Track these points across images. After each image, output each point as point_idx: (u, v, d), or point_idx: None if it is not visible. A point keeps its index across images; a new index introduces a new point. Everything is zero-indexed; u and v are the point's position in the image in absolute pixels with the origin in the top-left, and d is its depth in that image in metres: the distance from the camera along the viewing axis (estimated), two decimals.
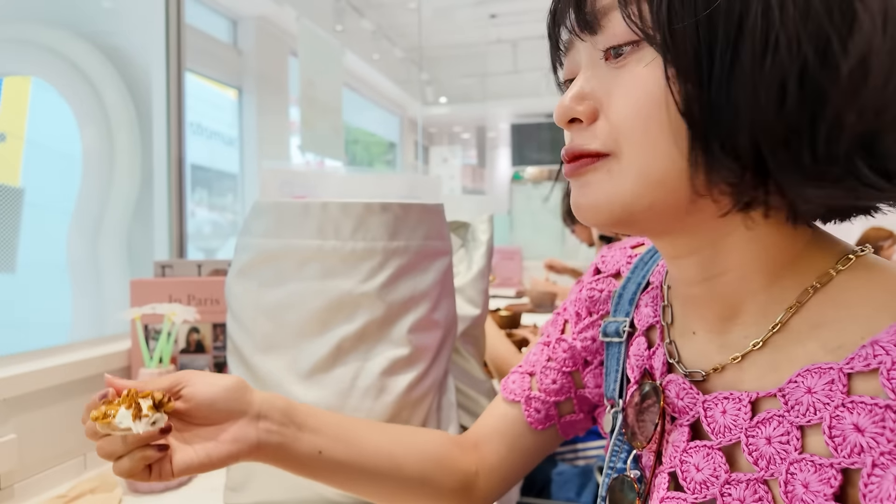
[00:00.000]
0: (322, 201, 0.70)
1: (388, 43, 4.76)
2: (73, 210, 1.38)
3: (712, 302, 0.42)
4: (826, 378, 0.35)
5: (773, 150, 0.34)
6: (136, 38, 1.43)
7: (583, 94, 0.39)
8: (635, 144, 0.37)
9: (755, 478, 0.37)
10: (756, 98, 0.33)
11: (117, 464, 0.44)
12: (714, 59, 0.34)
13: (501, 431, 0.59)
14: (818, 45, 0.33)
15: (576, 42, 0.41)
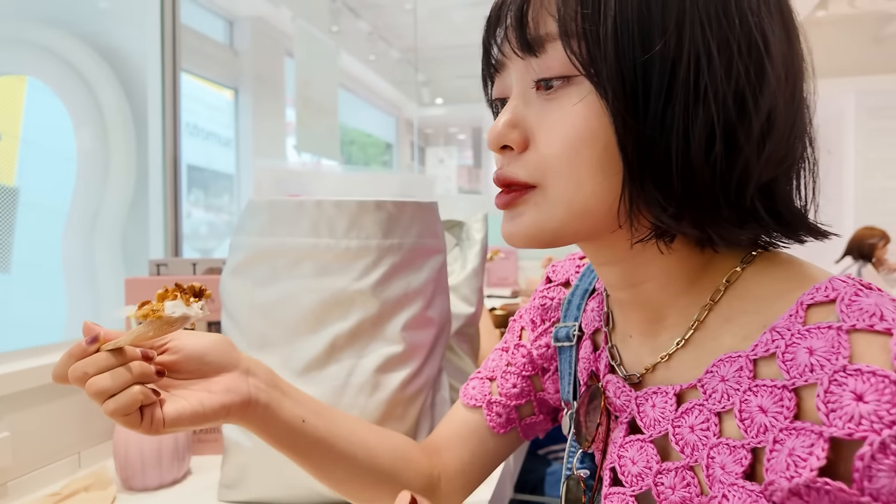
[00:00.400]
0: (316, 199, 0.70)
1: (384, 44, 4.76)
2: (68, 209, 1.38)
3: (640, 307, 0.45)
4: (736, 366, 0.38)
5: (699, 193, 0.37)
6: (132, 39, 1.43)
7: (515, 121, 0.41)
8: (562, 179, 0.39)
9: (682, 465, 0.40)
10: (688, 144, 0.36)
11: (110, 402, 0.41)
12: (650, 101, 0.36)
13: (463, 436, 0.59)
14: (736, 99, 0.36)
15: (509, 63, 0.42)
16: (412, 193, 0.76)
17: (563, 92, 0.39)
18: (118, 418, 0.42)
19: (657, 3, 0.36)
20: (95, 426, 0.90)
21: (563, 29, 0.38)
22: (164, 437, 0.79)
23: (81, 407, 0.88)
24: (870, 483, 0.30)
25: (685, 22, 0.36)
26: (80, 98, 1.41)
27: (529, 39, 0.39)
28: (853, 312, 0.34)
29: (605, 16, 0.36)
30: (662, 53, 0.36)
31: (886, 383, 0.31)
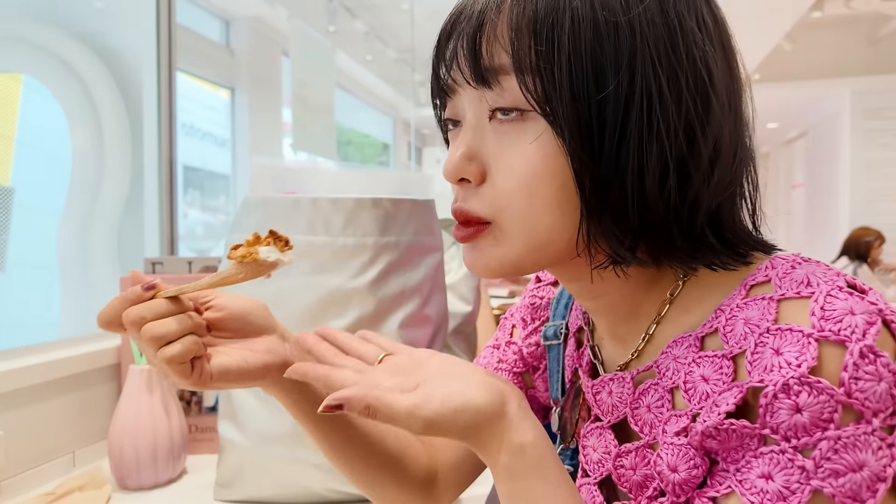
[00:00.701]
0: (312, 196, 0.70)
1: (381, 44, 4.76)
2: (63, 208, 1.37)
3: (606, 314, 0.46)
4: (685, 344, 0.41)
5: (654, 226, 0.38)
6: (128, 38, 1.42)
7: (471, 153, 0.41)
8: (519, 215, 0.39)
9: (642, 444, 0.42)
10: (643, 179, 0.37)
11: (168, 348, 0.42)
12: (604, 139, 0.37)
13: None
14: (686, 132, 0.38)
15: (460, 89, 0.42)
16: (409, 191, 0.76)
17: (519, 126, 0.39)
18: (174, 366, 0.42)
19: (609, 41, 0.37)
20: (90, 425, 0.90)
21: (517, 65, 0.38)
22: (159, 436, 0.78)
23: (76, 406, 0.88)
24: (771, 418, 0.33)
25: (637, 59, 0.37)
26: (76, 97, 1.41)
27: (483, 71, 0.39)
28: (784, 283, 0.37)
29: (560, 53, 0.37)
30: (616, 91, 0.37)
31: (800, 336, 0.34)
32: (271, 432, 0.69)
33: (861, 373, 0.32)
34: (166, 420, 0.80)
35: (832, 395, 0.32)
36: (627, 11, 0.37)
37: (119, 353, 0.94)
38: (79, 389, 0.88)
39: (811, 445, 0.32)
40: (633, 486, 0.43)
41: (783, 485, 0.33)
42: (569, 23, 0.37)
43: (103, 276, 1.33)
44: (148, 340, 0.42)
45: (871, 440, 0.32)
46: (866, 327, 0.33)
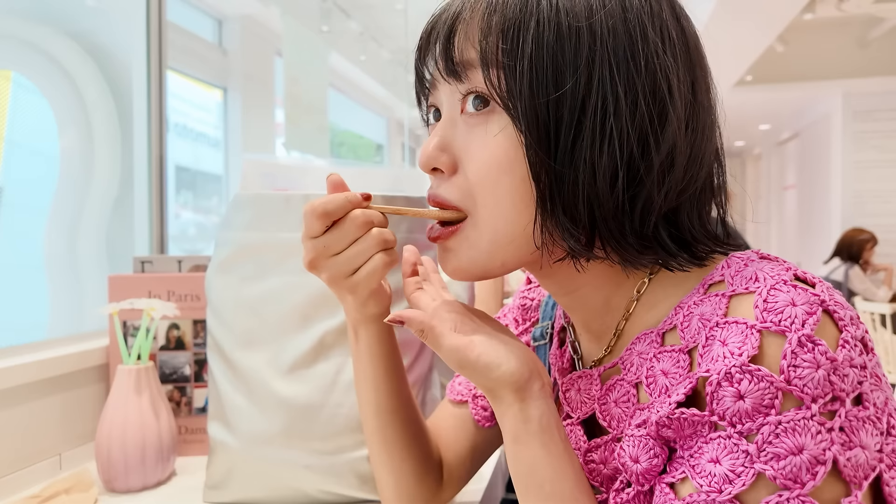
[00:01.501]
0: (304, 193, 0.69)
1: (375, 44, 4.75)
2: (51, 206, 1.35)
3: (580, 309, 0.49)
4: (648, 340, 0.43)
5: (604, 220, 0.41)
6: (120, 36, 1.41)
7: (444, 144, 0.44)
8: (487, 205, 0.42)
9: (609, 438, 0.45)
10: (594, 177, 0.40)
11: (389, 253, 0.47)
12: (560, 136, 0.40)
13: (450, 428, 0.61)
14: (640, 138, 0.40)
15: (438, 84, 0.45)
16: (402, 188, 0.75)
17: (485, 118, 0.42)
18: (384, 271, 0.47)
19: (570, 43, 0.39)
20: (77, 426, 0.88)
21: (483, 60, 0.41)
22: (148, 437, 0.77)
23: (63, 407, 0.86)
24: (717, 406, 0.35)
25: (595, 63, 0.39)
26: (65, 95, 1.39)
27: (454, 65, 0.42)
28: (736, 280, 0.39)
29: (523, 52, 0.39)
30: (573, 92, 0.39)
31: (743, 328, 0.36)
32: (262, 433, 0.68)
33: (799, 360, 0.34)
34: (155, 421, 0.78)
35: (772, 382, 0.34)
36: (590, 17, 0.40)
37: (107, 353, 0.93)
38: (66, 390, 0.87)
39: (754, 430, 0.34)
40: (603, 480, 0.45)
41: (729, 468, 0.34)
42: (534, 25, 0.40)
43: (91, 276, 1.31)
44: (380, 242, 0.46)
45: (810, 425, 0.33)
46: (805, 317, 0.35)
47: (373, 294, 0.49)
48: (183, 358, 0.91)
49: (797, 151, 7.40)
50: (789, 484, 0.33)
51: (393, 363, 0.55)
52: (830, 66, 5.57)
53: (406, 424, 0.56)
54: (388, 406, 0.55)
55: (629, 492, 0.41)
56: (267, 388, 0.68)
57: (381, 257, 0.46)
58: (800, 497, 0.33)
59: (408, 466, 0.56)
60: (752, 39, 4.28)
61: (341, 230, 0.45)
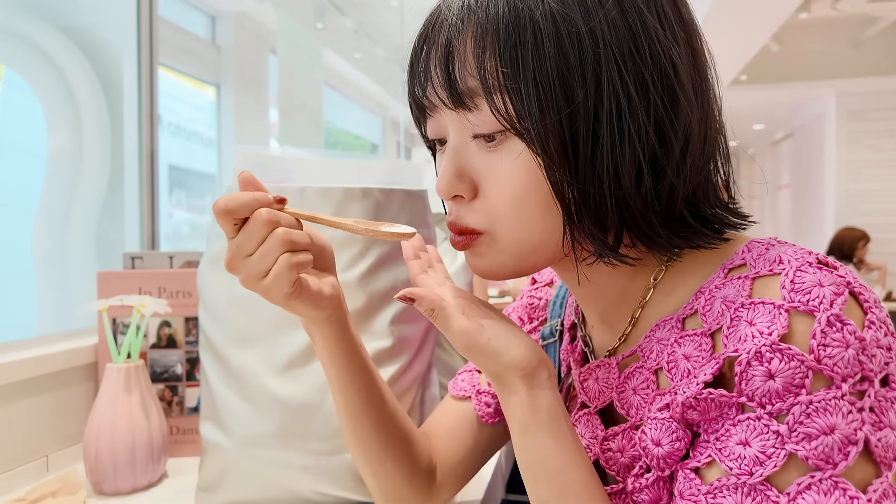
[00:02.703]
0: (299, 186, 0.67)
1: (370, 42, 4.72)
2: (39, 203, 1.33)
3: (596, 299, 0.48)
4: (668, 326, 0.43)
5: (633, 219, 0.40)
6: (111, 32, 1.39)
7: (460, 172, 0.43)
8: (512, 225, 0.42)
9: (628, 426, 0.44)
10: (619, 181, 0.39)
11: (298, 255, 0.44)
12: (578, 148, 0.39)
13: (453, 426, 0.61)
14: (657, 129, 0.39)
15: (441, 110, 0.43)
16: (400, 181, 0.73)
17: (503, 145, 0.41)
18: (293, 273, 0.44)
19: (574, 52, 0.37)
20: (65, 427, 0.86)
21: (485, 87, 0.39)
22: (138, 438, 0.75)
23: (50, 406, 0.84)
24: (746, 386, 0.35)
25: (602, 66, 0.38)
26: (55, 91, 1.36)
27: (460, 96, 0.41)
28: (758, 263, 0.39)
29: (524, 72, 0.38)
30: (584, 101, 0.38)
31: (771, 308, 0.36)
32: (255, 434, 0.66)
33: (829, 340, 0.34)
34: (145, 421, 0.76)
35: (802, 362, 0.34)
36: (589, 20, 0.38)
37: (96, 351, 0.90)
38: (53, 389, 0.84)
39: (785, 411, 0.34)
40: (620, 469, 0.44)
41: (759, 450, 0.34)
42: (531, 40, 0.38)
43: (80, 273, 1.29)
44: (283, 242, 0.43)
45: (841, 404, 0.33)
46: (833, 297, 0.35)
47: (302, 296, 0.46)
48: (174, 356, 0.89)
49: (791, 151, 7.43)
50: (821, 464, 0.33)
51: (356, 364, 0.52)
52: (825, 66, 5.59)
53: (381, 425, 0.54)
54: (359, 408, 0.53)
55: (648, 477, 0.41)
56: (261, 387, 0.66)
57: (285, 259, 0.43)
58: (833, 478, 0.32)
59: (390, 467, 0.55)
60: (747, 39, 4.29)
61: (247, 230, 0.43)
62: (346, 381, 0.52)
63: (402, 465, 0.55)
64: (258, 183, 0.46)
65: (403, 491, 0.56)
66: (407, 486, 0.56)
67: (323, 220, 0.46)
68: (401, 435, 0.56)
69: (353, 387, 0.53)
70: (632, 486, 0.42)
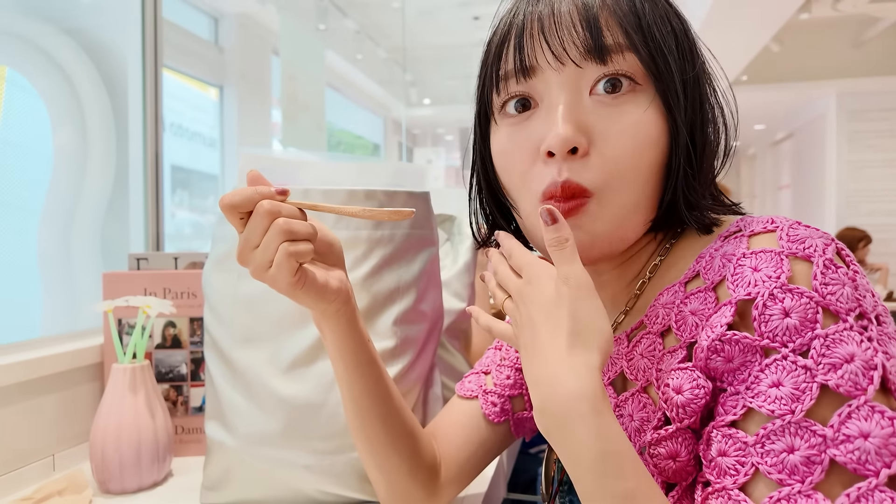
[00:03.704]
0: (303, 188, 0.67)
1: (372, 43, 4.73)
2: (44, 204, 1.34)
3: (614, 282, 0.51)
4: (671, 292, 0.45)
5: (705, 182, 0.47)
6: (116, 34, 1.39)
7: (580, 125, 0.43)
8: (624, 183, 0.44)
9: (637, 389, 0.46)
10: (704, 136, 0.46)
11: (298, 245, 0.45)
12: (688, 107, 0.45)
13: (459, 424, 0.61)
14: (714, 106, 0.48)
15: (550, 69, 0.45)
16: (403, 183, 0.74)
17: (629, 98, 0.44)
18: (291, 262, 0.45)
19: (686, 34, 0.46)
20: (71, 427, 0.87)
21: (634, 44, 0.43)
22: (143, 438, 0.76)
23: (56, 406, 0.85)
24: (765, 326, 0.37)
25: (695, 47, 0.47)
26: (60, 92, 1.37)
27: (603, 46, 0.43)
28: (752, 224, 0.43)
29: (665, 38, 0.44)
30: (696, 71, 0.45)
31: (773, 255, 0.39)
32: (260, 433, 0.67)
33: (828, 279, 0.37)
34: (151, 421, 0.77)
35: (811, 298, 0.37)
36: (681, 20, 0.47)
37: (102, 351, 0.91)
38: (59, 389, 0.85)
39: (806, 346, 0.36)
40: (631, 433, 0.45)
41: (793, 387, 0.36)
42: (663, 18, 0.45)
43: (86, 274, 1.29)
44: (282, 232, 0.44)
45: (852, 335, 0.36)
46: (825, 246, 0.39)
47: (307, 287, 0.47)
48: (179, 356, 0.90)
49: (792, 151, 7.42)
50: (852, 391, 0.35)
51: (363, 359, 0.53)
52: (825, 66, 5.59)
53: (387, 420, 0.55)
54: (366, 402, 0.54)
55: (668, 428, 0.42)
56: (266, 386, 0.67)
57: (284, 248, 0.44)
58: (867, 403, 0.34)
59: (395, 463, 0.56)
60: (748, 39, 4.29)
61: (252, 222, 0.45)
62: (355, 376, 0.53)
63: (407, 460, 0.56)
64: (264, 179, 0.47)
65: (408, 487, 0.56)
66: (412, 482, 0.56)
67: (324, 208, 0.47)
68: (406, 431, 0.56)
69: (361, 381, 0.53)
70: (650, 438, 0.43)
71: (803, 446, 0.35)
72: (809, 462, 0.34)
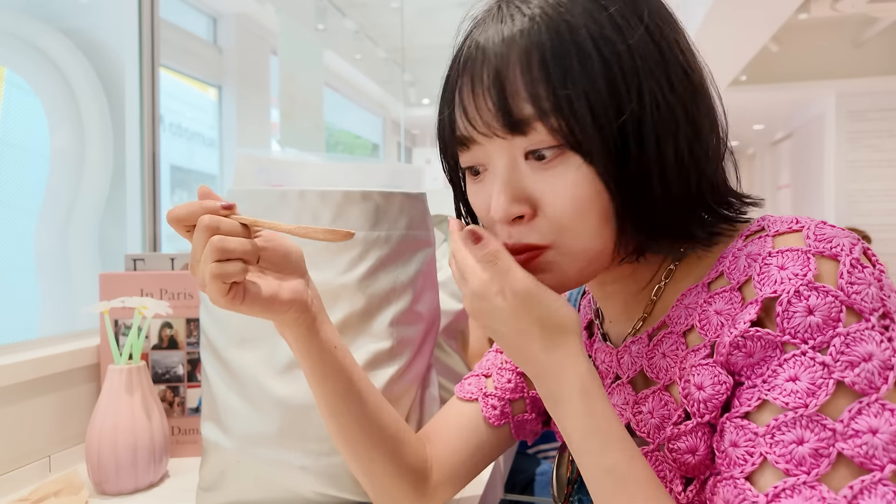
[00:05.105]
0: (300, 189, 0.67)
1: (371, 43, 4.73)
2: (41, 204, 1.33)
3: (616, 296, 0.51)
4: (694, 293, 0.45)
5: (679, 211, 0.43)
6: (112, 33, 1.39)
7: (517, 194, 0.44)
8: (576, 235, 0.43)
9: (659, 387, 0.46)
10: (665, 176, 0.42)
11: (224, 265, 0.45)
12: (629, 155, 0.41)
13: (457, 427, 0.61)
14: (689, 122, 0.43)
15: (484, 139, 0.44)
16: (400, 184, 0.74)
17: (560, 161, 0.43)
18: (217, 282, 0.45)
19: (617, 68, 0.41)
20: (67, 427, 0.87)
21: (540, 112, 0.41)
22: (139, 439, 0.75)
23: (53, 407, 0.84)
24: (788, 323, 0.38)
25: (640, 77, 0.41)
26: (57, 92, 1.37)
27: (516, 123, 0.42)
28: (776, 224, 0.43)
29: (577, 93, 0.40)
30: (631, 111, 0.41)
31: (799, 254, 0.39)
32: (256, 434, 0.67)
33: (854, 278, 0.38)
34: (147, 422, 0.77)
35: (836, 297, 0.37)
36: (624, 38, 0.41)
37: (98, 352, 0.91)
38: (56, 390, 0.85)
39: (826, 344, 0.37)
40: (650, 430, 0.46)
41: (809, 382, 0.36)
42: (577, 62, 0.40)
43: (83, 274, 1.29)
44: (213, 251, 0.44)
45: (873, 334, 0.36)
46: (851, 245, 0.39)
47: (247, 301, 0.47)
48: (176, 357, 0.90)
49: (791, 151, 7.42)
50: (866, 389, 0.36)
51: (329, 365, 0.53)
52: (824, 66, 5.59)
53: (363, 423, 0.55)
54: (338, 406, 0.54)
55: (688, 424, 0.43)
56: (262, 387, 0.67)
57: (210, 269, 0.44)
58: (878, 401, 0.35)
59: (377, 465, 0.56)
60: (747, 39, 4.29)
61: (194, 237, 0.46)
62: (322, 380, 0.54)
63: (390, 464, 0.56)
64: (213, 194, 0.48)
65: (393, 489, 0.56)
66: (397, 485, 0.56)
67: (264, 224, 0.48)
68: (387, 434, 0.56)
69: (330, 385, 0.54)
70: (670, 433, 0.44)
71: (813, 439, 0.35)
72: (817, 454, 0.35)
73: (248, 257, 0.46)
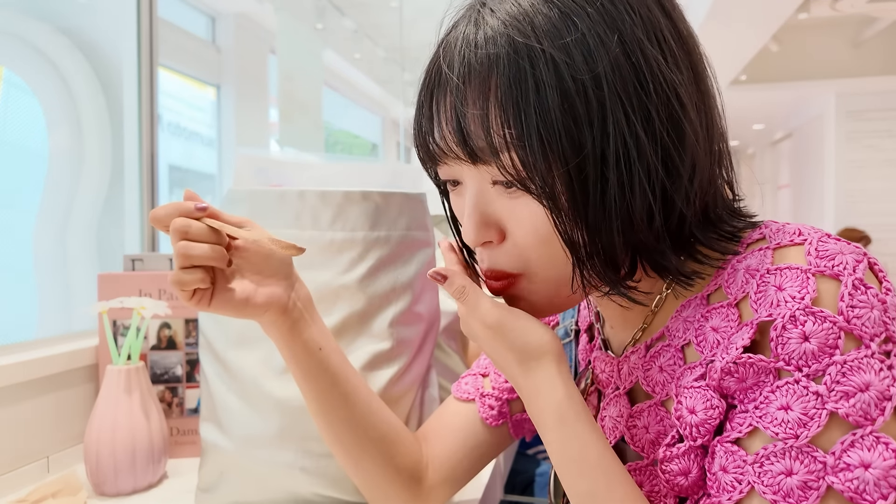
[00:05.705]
0: (299, 189, 0.67)
1: (370, 42, 4.72)
2: (39, 204, 1.33)
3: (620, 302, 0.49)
4: (693, 305, 0.44)
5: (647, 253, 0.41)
6: (110, 32, 1.39)
7: (485, 220, 0.43)
8: (542, 265, 0.42)
9: (654, 402, 0.45)
10: (631, 221, 0.39)
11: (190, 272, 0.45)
12: (588, 194, 0.38)
13: (454, 427, 0.60)
14: (665, 164, 0.39)
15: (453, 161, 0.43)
16: (400, 184, 0.74)
17: (517, 191, 0.41)
18: (180, 287, 0.46)
19: (579, 100, 0.37)
20: (65, 428, 0.86)
21: (492, 148, 0.39)
22: (138, 439, 0.75)
23: (51, 408, 0.84)
24: (782, 349, 0.36)
25: (608, 110, 0.37)
26: (55, 91, 1.37)
27: (474, 154, 0.40)
28: (778, 235, 0.41)
29: (528, 129, 0.37)
30: (592, 149, 0.37)
31: (799, 273, 0.37)
32: (256, 435, 0.66)
33: (856, 301, 0.36)
34: (146, 423, 0.76)
35: (834, 323, 0.35)
36: (593, 65, 0.37)
37: (97, 353, 0.91)
38: (54, 391, 0.85)
39: (821, 372, 0.35)
40: (645, 445, 0.45)
41: (801, 412, 0.35)
42: (533, 94, 0.37)
43: (81, 274, 1.29)
44: (180, 255, 0.45)
45: (872, 362, 0.35)
46: (855, 263, 0.37)
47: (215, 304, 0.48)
48: (174, 358, 0.89)
49: (791, 151, 7.42)
50: (861, 421, 0.34)
51: (313, 365, 0.54)
52: (824, 66, 5.59)
53: (352, 424, 0.55)
54: (324, 406, 0.54)
55: (680, 447, 0.42)
56: (261, 388, 0.66)
57: (172, 274, 0.46)
58: (873, 434, 0.34)
59: (369, 466, 0.56)
60: (747, 39, 4.29)
61: (171, 238, 0.47)
62: (305, 380, 0.54)
63: (381, 464, 0.56)
64: (197, 197, 0.48)
65: (386, 490, 0.56)
66: (391, 485, 0.56)
67: (224, 229, 0.48)
68: (378, 435, 0.56)
69: (313, 385, 0.54)
70: (662, 455, 0.43)
71: (802, 471, 0.34)
72: (806, 487, 0.34)
73: (215, 262, 0.47)
